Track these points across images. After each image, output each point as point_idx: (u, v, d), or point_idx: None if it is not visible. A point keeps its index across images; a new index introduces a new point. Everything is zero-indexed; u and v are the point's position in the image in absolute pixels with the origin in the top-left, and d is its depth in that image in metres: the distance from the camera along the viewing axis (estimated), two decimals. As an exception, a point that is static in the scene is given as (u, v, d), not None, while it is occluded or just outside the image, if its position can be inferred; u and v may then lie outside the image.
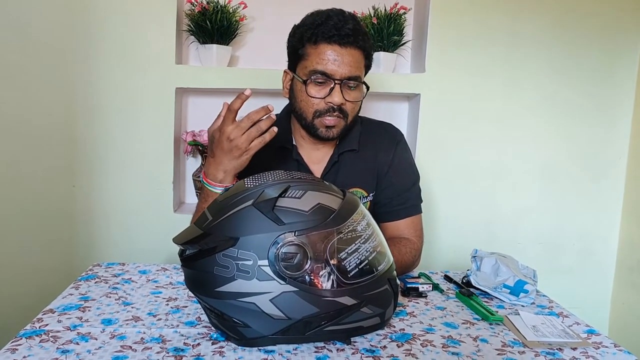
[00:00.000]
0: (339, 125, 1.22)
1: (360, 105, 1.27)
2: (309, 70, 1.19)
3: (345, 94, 1.19)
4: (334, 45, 1.17)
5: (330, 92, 1.18)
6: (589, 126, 2.06)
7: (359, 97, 1.22)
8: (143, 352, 0.80)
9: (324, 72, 1.17)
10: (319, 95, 1.19)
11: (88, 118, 1.83)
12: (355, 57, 1.18)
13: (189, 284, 0.87)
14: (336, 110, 1.20)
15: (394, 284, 0.91)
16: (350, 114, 1.23)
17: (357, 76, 1.19)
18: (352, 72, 1.18)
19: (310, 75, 1.19)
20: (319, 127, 1.22)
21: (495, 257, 1.16)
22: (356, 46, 1.18)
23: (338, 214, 0.83)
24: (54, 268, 1.84)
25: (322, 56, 1.17)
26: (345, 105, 1.20)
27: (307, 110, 1.22)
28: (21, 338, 0.83)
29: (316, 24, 1.18)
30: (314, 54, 1.19)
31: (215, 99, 2.01)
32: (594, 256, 2.13)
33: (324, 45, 1.17)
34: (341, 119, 1.21)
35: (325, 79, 1.18)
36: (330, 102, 1.19)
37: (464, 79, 1.97)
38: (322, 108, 1.20)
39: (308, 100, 1.21)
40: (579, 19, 1.98)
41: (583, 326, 0.98)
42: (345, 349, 0.84)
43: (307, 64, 1.20)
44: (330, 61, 1.17)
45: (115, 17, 1.79)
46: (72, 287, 1.07)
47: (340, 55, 1.17)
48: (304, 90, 1.20)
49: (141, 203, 1.88)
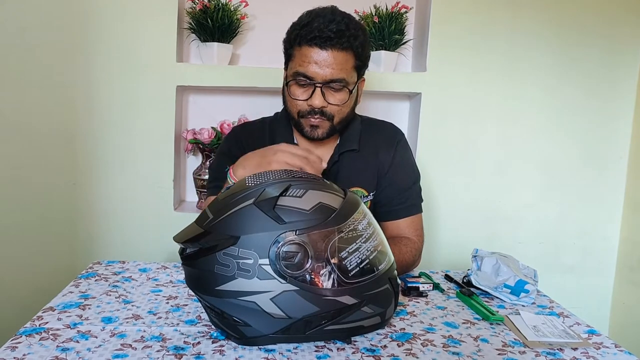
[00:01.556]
0: (323, 126, 1.22)
1: (352, 105, 1.26)
2: (293, 71, 1.19)
3: (329, 96, 1.18)
4: (314, 48, 1.15)
5: (311, 95, 1.18)
6: (590, 124, 2.06)
7: (343, 99, 1.20)
8: (143, 351, 0.80)
9: (305, 75, 1.17)
10: (302, 98, 1.20)
11: (88, 116, 1.83)
12: (339, 59, 1.16)
13: (190, 282, 0.87)
14: (317, 113, 1.19)
15: (395, 284, 0.91)
16: (337, 115, 1.22)
17: (340, 79, 1.17)
18: (334, 74, 1.16)
19: (294, 77, 1.19)
20: (304, 126, 1.23)
21: (496, 257, 1.16)
22: (340, 47, 1.15)
23: (339, 213, 0.83)
24: (54, 266, 1.84)
25: (303, 58, 1.17)
26: (328, 107, 1.19)
27: (293, 110, 1.23)
28: (21, 336, 0.83)
29: (302, 24, 1.18)
30: (297, 55, 1.19)
31: (216, 97, 2.01)
32: (594, 255, 2.13)
33: (306, 47, 1.16)
34: (325, 121, 1.21)
35: (306, 82, 1.18)
36: (311, 105, 1.19)
37: (465, 77, 1.96)
38: (304, 110, 1.21)
39: (291, 101, 1.22)
40: (580, 16, 1.98)
41: (584, 326, 0.98)
42: (345, 348, 0.84)
43: (292, 65, 1.21)
44: (312, 64, 1.16)
45: (116, 15, 1.79)
46: (72, 285, 1.07)
47: (321, 57, 1.15)
48: (287, 91, 1.21)
49: (141, 201, 1.88)
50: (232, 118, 1.93)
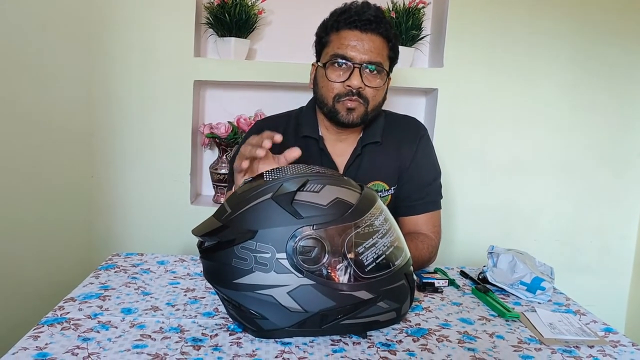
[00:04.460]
0: (359, 109, 1.23)
1: (384, 94, 1.27)
2: (330, 54, 1.21)
3: (365, 79, 1.20)
4: (354, 31, 1.19)
5: (349, 77, 1.19)
6: (608, 122, 2.03)
7: (379, 83, 1.22)
8: (162, 342, 0.82)
9: (344, 56, 1.19)
10: (339, 79, 1.21)
11: (107, 110, 1.85)
12: (377, 44, 1.20)
13: (208, 275, 0.88)
14: (355, 95, 1.20)
15: (411, 279, 0.91)
16: (372, 100, 1.23)
17: (378, 62, 1.20)
18: (372, 57, 1.19)
19: (331, 60, 1.21)
20: (340, 110, 1.23)
21: (512, 254, 1.15)
22: (377, 32, 1.19)
23: (356, 208, 0.83)
24: (74, 259, 1.87)
25: (342, 41, 1.20)
26: (365, 90, 1.21)
27: (328, 95, 1.23)
28: (43, 325, 0.85)
29: (339, 12, 1.22)
30: (335, 39, 1.22)
31: (233, 91, 2.02)
32: (611, 253, 2.11)
33: (345, 30, 1.20)
34: (361, 104, 1.22)
35: (345, 63, 1.20)
36: (349, 86, 1.20)
37: (482, 73, 1.95)
38: (341, 92, 1.22)
39: (328, 84, 1.22)
40: (598, 13, 1.95)
41: (600, 324, 0.98)
42: (361, 343, 0.84)
43: (328, 50, 1.23)
44: (351, 45, 1.19)
45: (134, 11, 1.81)
46: (92, 276, 1.09)
47: (360, 40, 1.19)
48: (325, 74, 1.22)
49: (159, 194, 1.90)
50: (249, 113, 1.94)
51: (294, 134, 1.31)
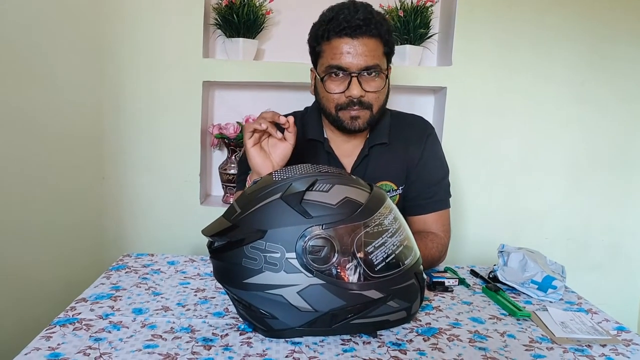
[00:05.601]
0: (363, 116, 1.22)
1: (386, 93, 1.26)
2: (325, 66, 1.19)
3: (365, 84, 1.18)
4: (345, 38, 1.16)
5: (348, 86, 1.18)
6: (618, 120, 2.01)
7: (380, 85, 1.21)
8: (173, 342, 0.82)
9: (339, 66, 1.17)
10: (338, 90, 1.20)
11: (116, 111, 1.86)
12: (370, 46, 1.17)
13: (218, 275, 0.88)
14: (356, 104, 1.19)
15: (421, 278, 0.91)
16: (375, 104, 1.22)
17: (374, 65, 1.17)
18: (368, 61, 1.16)
19: (327, 72, 1.19)
20: (344, 119, 1.22)
21: (522, 253, 1.14)
22: (369, 35, 1.16)
23: (365, 207, 0.83)
24: (85, 260, 1.88)
25: (335, 51, 1.17)
26: (366, 96, 1.19)
27: (330, 105, 1.22)
28: (55, 326, 0.85)
29: (327, 19, 1.19)
30: (328, 49, 1.19)
31: (241, 92, 2.03)
32: (622, 252, 2.09)
33: (336, 39, 1.17)
34: (364, 110, 1.21)
35: (342, 73, 1.18)
36: (349, 96, 1.19)
37: (490, 72, 1.94)
38: (342, 102, 1.20)
39: (328, 96, 1.21)
40: (608, 11, 1.93)
41: (612, 323, 0.97)
42: (371, 342, 0.84)
43: (323, 60, 1.21)
44: (344, 54, 1.16)
45: (143, 12, 1.81)
46: (103, 277, 1.10)
47: (353, 46, 1.16)
48: (323, 86, 1.21)
49: (168, 195, 1.90)
50: (257, 113, 1.91)
51: (299, 134, 1.30)
